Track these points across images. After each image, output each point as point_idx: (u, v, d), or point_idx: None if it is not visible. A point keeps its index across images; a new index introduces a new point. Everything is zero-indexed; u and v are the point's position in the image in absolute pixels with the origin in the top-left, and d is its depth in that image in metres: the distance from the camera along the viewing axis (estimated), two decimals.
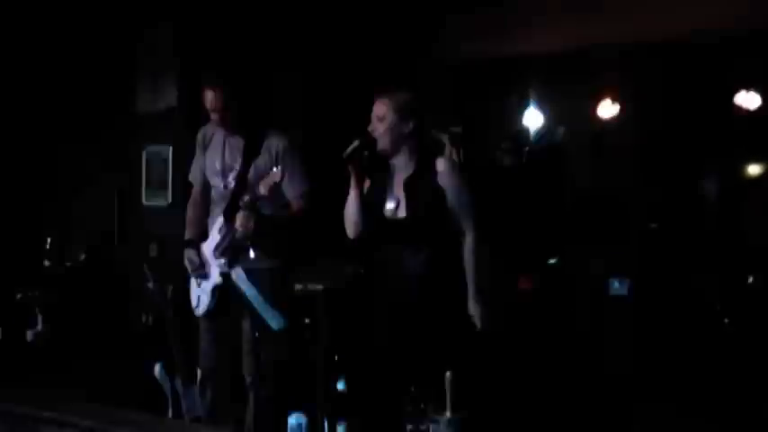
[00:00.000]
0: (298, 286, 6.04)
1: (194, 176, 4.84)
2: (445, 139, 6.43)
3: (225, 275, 4.52)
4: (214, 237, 4.59)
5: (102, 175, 7.47)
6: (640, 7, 6.90)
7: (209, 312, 4.63)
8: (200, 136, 4.79)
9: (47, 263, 6.61)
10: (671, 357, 5.56)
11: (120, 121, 7.37)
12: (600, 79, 7.23)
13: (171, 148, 7.07)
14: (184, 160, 4.84)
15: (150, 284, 5.86)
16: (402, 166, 3.95)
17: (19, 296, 6.49)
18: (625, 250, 6.48)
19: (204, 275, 4.63)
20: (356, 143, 3.94)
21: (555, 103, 7.43)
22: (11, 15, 6.79)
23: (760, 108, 6.86)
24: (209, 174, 4.70)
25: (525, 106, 7.49)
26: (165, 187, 7.13)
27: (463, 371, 3.27)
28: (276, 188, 4.29)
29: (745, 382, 5.32)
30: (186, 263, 4.69)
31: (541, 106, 7.47)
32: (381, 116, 3.93)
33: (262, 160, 4.52)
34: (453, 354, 3.63)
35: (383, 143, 3.92)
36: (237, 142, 4.61)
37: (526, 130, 7.43)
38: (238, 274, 4.47)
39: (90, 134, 7.39)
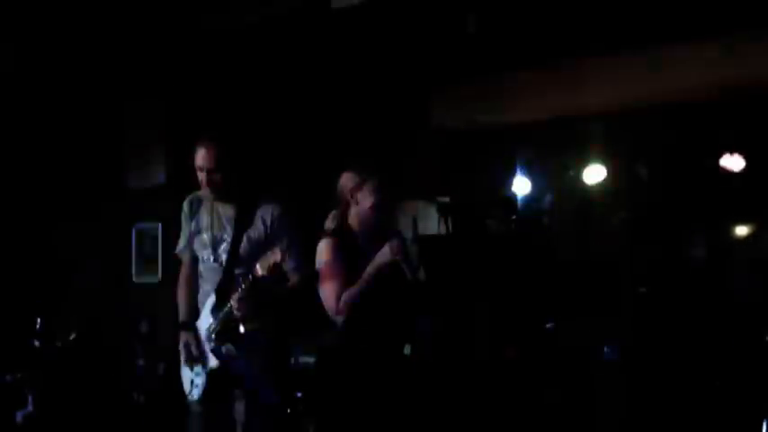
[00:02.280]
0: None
1: (182, 249, 4.54)
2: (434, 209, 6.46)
3: (215, 351, 4.26)
4: (207, 317, 4.33)
5: (91, 253, 7.47)
6: (625, 73, 7.00)
7: (204, 396, 4.34)
8: (185, 205, 4.51)
9: (37, 343, 6.57)
10: (663, 420, 5.52)
11: (109, 199, 7.41)
12: (586, 146, 7.28)
13: (160, 225, 7.11)
14: (174, 237, 4.67)
15: (141, 362, 5.83)
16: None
17: (9, 377, 6.44)
18: (616, 315, 6.46)
19: (203, 359, 4.33)
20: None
21: (542, 171, 7.47)
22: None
23: (744, 170, 6.91)
24: (197, 246, 4.44)
25: (513, 174, 7.53)
26: (155, 264, 7.15)
27: None
28: (276, 268, 3.98)
29: None
30: (182, 347, 4.38)
31: (529, 174, 7.51)
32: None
33: (254, 232, 4.29)
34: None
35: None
36: (226, 211, 4.37)
37: (514, 198, 7.46)
38: (228, 349, 4.24)
39: (79, 212, 7.42)
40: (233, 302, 4.14)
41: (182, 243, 4.56)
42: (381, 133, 7.77)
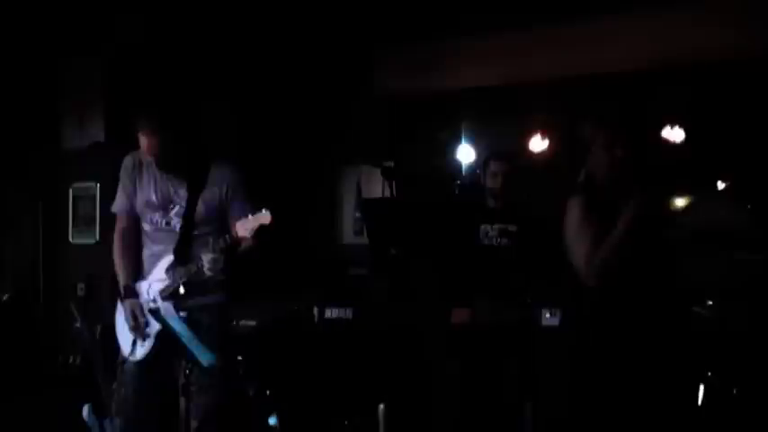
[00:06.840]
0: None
1: (121, 207, 4.41)
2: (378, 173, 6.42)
3: (153, 311, 4.18)
4: (160, 278, 4.27)
5: (27, 212, 7.33)
6: (568, 42, 7.03)
7: (146, 358, 4.29)
8: (128, 162, 4.37)
9: None
10: (604, 388, 5.57)
11: (45, 158, 7.26)
12: (530, 113, 7.29)
13: (98, 184, 6.98)
14: (113, 197, 4.54)
15: (78, 324, 5.74)
16: None
17: None
18: (555, 281, 6.50)
19: (146, 325, 4.25)
20: None
21: (486, 138, 7.46)
22: None
23: (684, 142, 6.99)
24: (142, 208, 4.33)
25: (457, 141, 7.53)
26: (93, 225, 7.04)
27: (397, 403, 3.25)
28: (263, 230, 3.99)
29: (674, 413, 5.38)
30: (129, 316, 4.27)
31: (473, 141, 7.51)
32: None
33: (210, 194, 4.25)
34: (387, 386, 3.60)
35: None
36: (174, 173, 4.27)
37: (459, 165, 7.47)
38: (167, 309, 4.22)
39: (15, 171, 7.26)
40: (205, 262, 4.09)
41: (120, 201, 4.43)
42: (325, 98, 7.72)
